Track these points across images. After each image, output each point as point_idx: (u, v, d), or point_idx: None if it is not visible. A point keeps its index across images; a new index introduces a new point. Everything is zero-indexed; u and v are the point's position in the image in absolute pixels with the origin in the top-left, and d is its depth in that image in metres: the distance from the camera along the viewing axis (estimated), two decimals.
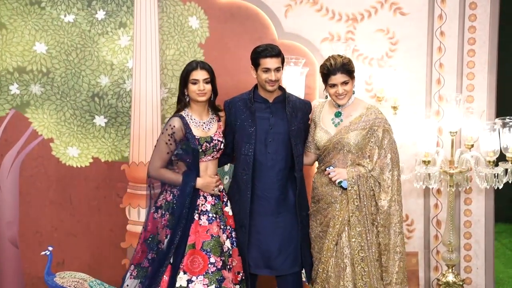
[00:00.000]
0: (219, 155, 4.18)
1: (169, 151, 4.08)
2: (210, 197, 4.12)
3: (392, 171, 4.05)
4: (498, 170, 4.62)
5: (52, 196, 4.92)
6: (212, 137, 4.12)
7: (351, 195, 4.04)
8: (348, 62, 4.07)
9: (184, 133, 4.07)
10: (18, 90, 4.86)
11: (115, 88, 4.92)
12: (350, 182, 4.03)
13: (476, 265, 5.13)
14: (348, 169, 4.06)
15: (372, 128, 4.07)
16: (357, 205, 4.04)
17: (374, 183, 4.04)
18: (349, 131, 4.08)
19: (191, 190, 4.05)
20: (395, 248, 4.06)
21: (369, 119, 4.08)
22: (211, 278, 3.99)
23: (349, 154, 4.09)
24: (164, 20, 4.93)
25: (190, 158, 4.07)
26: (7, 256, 4.93)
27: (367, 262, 4.03)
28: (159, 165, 4.10)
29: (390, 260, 4.06)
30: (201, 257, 4.02)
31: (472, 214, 5.10)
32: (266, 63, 4.05)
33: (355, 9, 4.99)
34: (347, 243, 4.06)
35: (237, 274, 4.17)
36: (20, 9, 4.83)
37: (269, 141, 4.13)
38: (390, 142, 4.08)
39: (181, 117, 4.10)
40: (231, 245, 4.17)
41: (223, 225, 4.14)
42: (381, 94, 4.86)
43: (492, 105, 5.00)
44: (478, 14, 4.98)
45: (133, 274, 4.13)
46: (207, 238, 4.04)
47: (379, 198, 4.04)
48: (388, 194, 4.04)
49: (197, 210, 4.07)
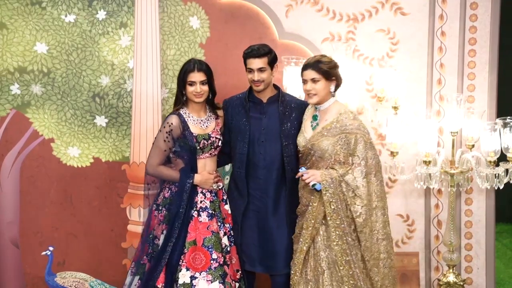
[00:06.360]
0: (217, 152, 4.20)
1: (166, 148, 4.10)
2: (208, 193, 4.14)
3: (368, 177, 3.90)
4: (498, 170, 4.62)
5: (52, 196, 4.92)
6: (210, 134, 4.13)
7: (327, 198, 3.91)
8: (325, 61, 3.96)
9: (181, 131, 4.09)
10: (19, 90, 4.86)
11: (116, 88, 4.92)
12: (325, 185, 3.91)
13: (477, 265, 5.13)
14: (321, 172, 3.94)
15: (344, 134, 3.93)
16: (333, 208, 3.92)
17: (346, 187, 3.90)
18: (320, 136, 3.98)
19: (189, 186, 4.06)
20: (379, 255, 3.95)
21: (341, 125, 3.95)
22: (214, 274, 4.01)
23: (321, 160, 3.99)
24: (165, 20, 4.93)
25: (188, 155, 4.09)
26: (8, 256, 4.93)
27: (351, 265, 3.93)
28: (157, 162, 4.12)
29: (374, 267, 3.95)
30: (203, 254, 4.03)
31: (473, 214, 5.09)
32: (249, 63, 4.09)
33: (355, 9, 4.99)
34: (323, 247, 3.97)
35: (236, 272, 4.19)
36: (21, 9, 4.83)
37: (262, 141, 4.15)
38: (365, 149, 3.90)
39: (178, 114, 4.12)
40: (230, 242, 4.19)
41: (221, 222, 4.16)
42: (382, 94, 4.86)
43: (493, 105, 5.00)
44: (479, 14, 4.97)
45: (132, 270, 4.17)
46: (208, 234, 4.06)
47: (352, 204, 3.90)
48: (363, 200, 3.89)
49: (196, 207, 4.09)
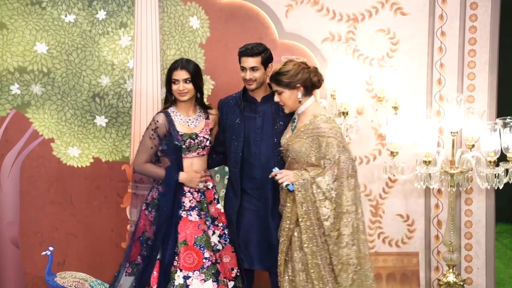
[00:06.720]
0: (205, 152, 4.21)
1: (153, 145, 4.13)
2: (196, 193, 4.16)
3: (339, 181, 3.86)
4: (498, 170, 4.61)
5: (52, 196, 4.92)
6: (197, 133, 4.14)
7: (298, 200, 3.88)
8: (283, 72, 3.95)
9: (167, 129, 4.12)
10: (19, 90, 4.86)
11: (116, 88, 4.92)
12: (297, 186, 3.89)
13: (476, 265, 5.13)
14: (295, 172, 3.92)
15: (316, 137, 3.91)
16: (305, 209, 3.89)
17: (317, 190, 3.87)
18: (295, 138, 3.99)
19: (174, 184, 4.08)
20: (348, 260, 3.89)
21: (313, 127, 3.93)
22: (207, 272, 4.03)
23: (295, 162, 3.99)
24: (165, 20, 4.93)
25: (174, 154, 4.11)
26: (8, 256, 4.93)
27: (320, 268, 3.89)
28: (143, 159, 4.15)
29: (342, 272, 3.90)
30: (195, 253, 4.05)
31: (473, 214, 5.09)
32: (242, 62, 4.13)
33: (355, 9, 4.99)
34: (298, 248, 3.95)
35: (231, 270, 4.19)
36: (21, 9, 4.83)
37: (257, 141, 4.16)
38: (337, 152, 3.86)
39: (166, 113, 4.15)
40: (224, 241, 4.20)
41: (210, 222, 4.17)
42: (382, 94, 4.86)
43: (493, 105, 5.00)
44: (479, 14, 4.97)
45: (127, 271, 4.18)
46: (199, 233, 4.08)
47: (321, 206, 3.86)
48: (332, 204, 3.86)
49: (184, 207, 4.10)
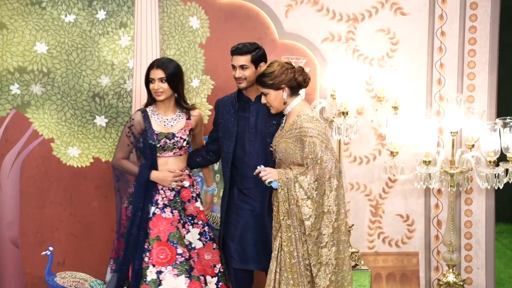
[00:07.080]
0: (182, 152, 4.22)
1: (129, 143, 4.18)
2: (169, 191, 4.17)
3: (321, 180, 3.84)
4: (498, 170, 4.62)
5: (52, 196, 4.92)
6: (174, 133, 4.15)
7: (281, 198, 3.88)
8: (267, 74, 3.96)
9: (143, 127, 4.15)
10: (19, 90, 4.85)
11: (116, 88, 4.92)
12: (280, 184, 3.87)
13: (476, 265, 5.13)
14: (279, 170, 3.92)
15: (300, 137, 3.90)
16: (287, 208, 3.88)
17: (299, 188, 3.85)
18: (281, 138, 4.00)
19: (144, 181, 4.10)
20: (327, 260, 3.85)
21: (296, 127, 3.93)
22: (180, 268, 4.04)
23: (281, 162, 3.99)
24: (164, 20, 4.92)
25: (149, 152, 4.14)
26: (8, 256, 4.93)
27: (296, 269, 3.87)
28: (121, 156, 4.22)
29: (321, 272, 3.85)
30: (169, 248, 4.06)
31: (473, 214, 5.10)
32: (232, 60, 4.16)
33: (355, 9, 5.00)
34: (279, 247, 3.93)
35: (213, 267, 4.20)
36: (20, 9, 4.82)
37: (250, 140, 4.16)
38: (320, 152, 3.83)
39: (143, 111, 4.19)
40: (205, 239, 4.20)
41: (184, 221, 4.17)
42: (382, 94, 4.86)
43: (493, 105, 5.01)
44: (479, 14, 4.98)
45: (112, 268, 4.23)
46: (172, 229, 4.10)
47: (303, 206, 3.84)
48: (314, 203, 3.85)
49: (157, 205, 4.12)
